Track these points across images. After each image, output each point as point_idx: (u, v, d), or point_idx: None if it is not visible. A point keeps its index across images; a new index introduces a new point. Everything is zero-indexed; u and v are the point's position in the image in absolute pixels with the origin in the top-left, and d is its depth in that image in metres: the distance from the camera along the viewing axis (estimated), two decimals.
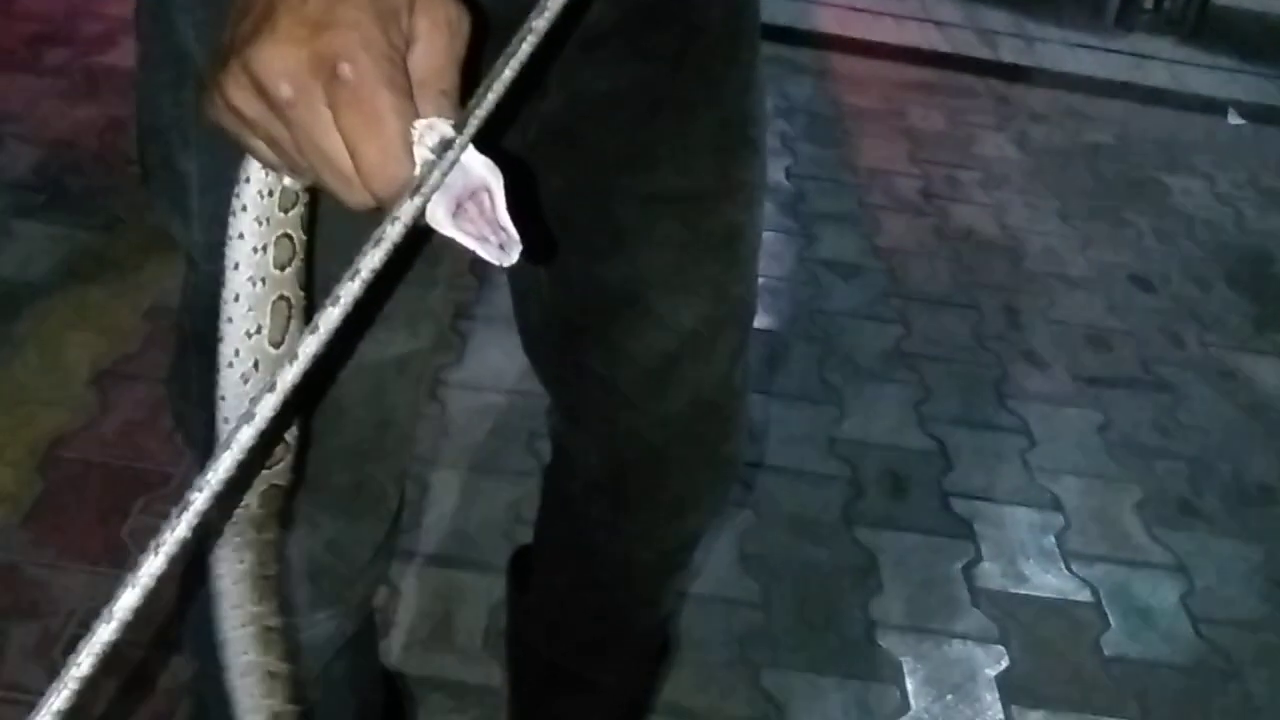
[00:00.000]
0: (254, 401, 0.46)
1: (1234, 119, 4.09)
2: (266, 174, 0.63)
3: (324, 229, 0.69)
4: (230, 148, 0.80)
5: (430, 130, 0.53)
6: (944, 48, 4.21)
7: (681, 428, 1.11)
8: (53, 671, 1.53)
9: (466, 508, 1.95)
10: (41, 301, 2.22)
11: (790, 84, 3.73)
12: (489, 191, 0.52)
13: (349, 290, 0.48)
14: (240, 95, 0.55)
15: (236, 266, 0.64)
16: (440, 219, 0.52)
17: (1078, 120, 3.92)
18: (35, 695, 1.59)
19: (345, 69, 0.52)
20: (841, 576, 1.95)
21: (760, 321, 1.27)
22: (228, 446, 0.44)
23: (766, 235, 1.08)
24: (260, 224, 0.63)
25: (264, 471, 0.70)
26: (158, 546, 0.42)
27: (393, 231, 0.49)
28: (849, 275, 2.79)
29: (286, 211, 0.64)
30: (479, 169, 0.52)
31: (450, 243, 0.53)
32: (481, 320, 2.34)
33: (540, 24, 0.51)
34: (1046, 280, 2.92)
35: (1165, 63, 4.40)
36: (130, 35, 0.86)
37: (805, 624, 1.85)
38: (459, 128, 0.52)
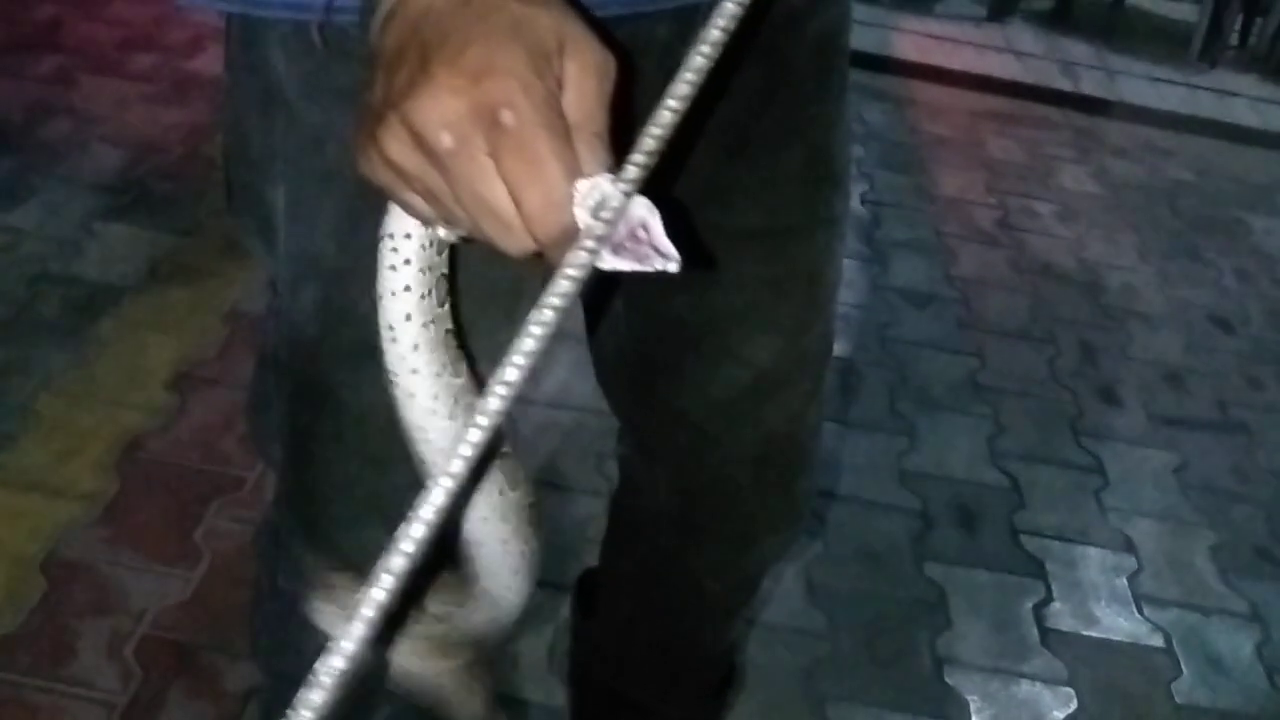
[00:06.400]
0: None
1: None
2: (423, 227, 0.64)
3: (464, 276, 0.71)
4: (317, 182, 0.80)
5: (593, 190, 0.53)
6: (1024, 78, 4.18)
7: (753, 463, 1.10)
8: (125, 670, 1.56)
9: None
10: (122, 303, 2.25)
11: (868, 110, 3.71)
12: (647, 227, 0.52)
13: (521, 348, 0.51)
14: (398, 148, 0.56)
15: (409, 318, 0.66)
16: (602, 259, 0.53)
17: (1158, 156, 3.86)
18: (106, 693, 1.59)
19: (507, 116, 0.53)
20: (910, 611, 1.93)
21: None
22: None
23: None
24: (424, 274, 0.65)
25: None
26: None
27: (566, 286, 0.52)
28: (923, 304, 2.77)
29: (441, 255, 0.66)
30: (638, 210, 0.53)
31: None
32: (553, 336, 2.33)
33: (699, 60, 0.52)
34: (1124, 317, 2.88)
35: (1249, 100, 4.33)
36: (217, 42, 0.86)
37: (872, 658, 1.83)
38: (618, 180, 0.53)
